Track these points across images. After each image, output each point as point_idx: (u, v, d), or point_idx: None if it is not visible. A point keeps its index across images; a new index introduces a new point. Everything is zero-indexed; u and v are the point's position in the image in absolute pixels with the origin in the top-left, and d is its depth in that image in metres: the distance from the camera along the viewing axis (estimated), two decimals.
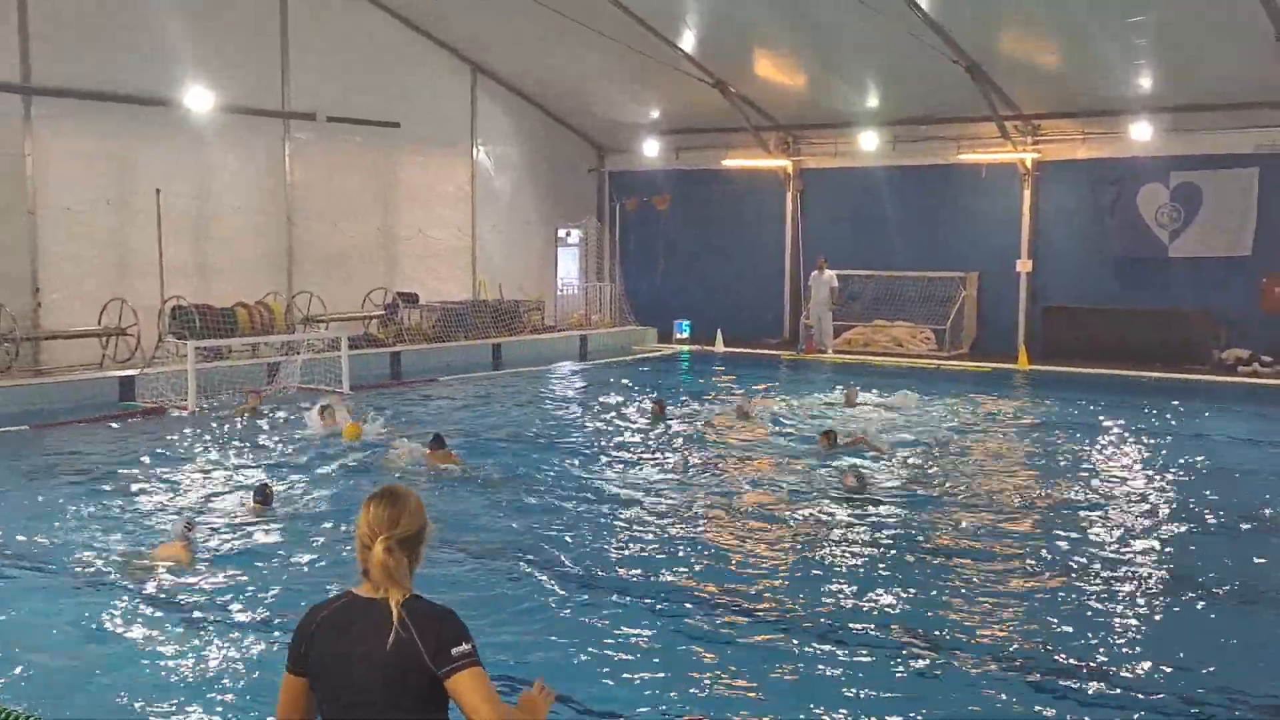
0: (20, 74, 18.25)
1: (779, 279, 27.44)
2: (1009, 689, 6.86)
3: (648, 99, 26.53)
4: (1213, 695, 6.78)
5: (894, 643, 7.58)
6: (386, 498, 3.51)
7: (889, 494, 11.79)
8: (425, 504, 3.58)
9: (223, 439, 14.44)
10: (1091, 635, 7.76)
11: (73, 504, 11.04)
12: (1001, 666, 7.20)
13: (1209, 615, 8.32)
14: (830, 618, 8.07)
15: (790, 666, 7.18)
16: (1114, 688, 6.90)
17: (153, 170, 19.80)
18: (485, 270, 26.74)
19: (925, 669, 7.18)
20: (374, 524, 3.45)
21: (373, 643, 3.36)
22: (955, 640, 7.64)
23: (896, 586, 8.74)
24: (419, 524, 3.51)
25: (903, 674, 7.09)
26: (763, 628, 7.83)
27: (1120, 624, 8.02)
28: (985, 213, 24.80)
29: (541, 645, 7.49)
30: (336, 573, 8.61)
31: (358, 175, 23.87)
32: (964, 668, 7.19)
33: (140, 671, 7.01)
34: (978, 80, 21.96)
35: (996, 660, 7.30)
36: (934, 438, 14.96)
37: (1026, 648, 7.56)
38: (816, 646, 7.48)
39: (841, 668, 7.15)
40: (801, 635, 7.67)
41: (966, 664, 7.24)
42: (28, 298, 18.40)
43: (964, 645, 7.55)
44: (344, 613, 3.47)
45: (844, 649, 7.45)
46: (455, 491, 11.82)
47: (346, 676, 3.40)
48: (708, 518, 10.88)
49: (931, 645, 7.54)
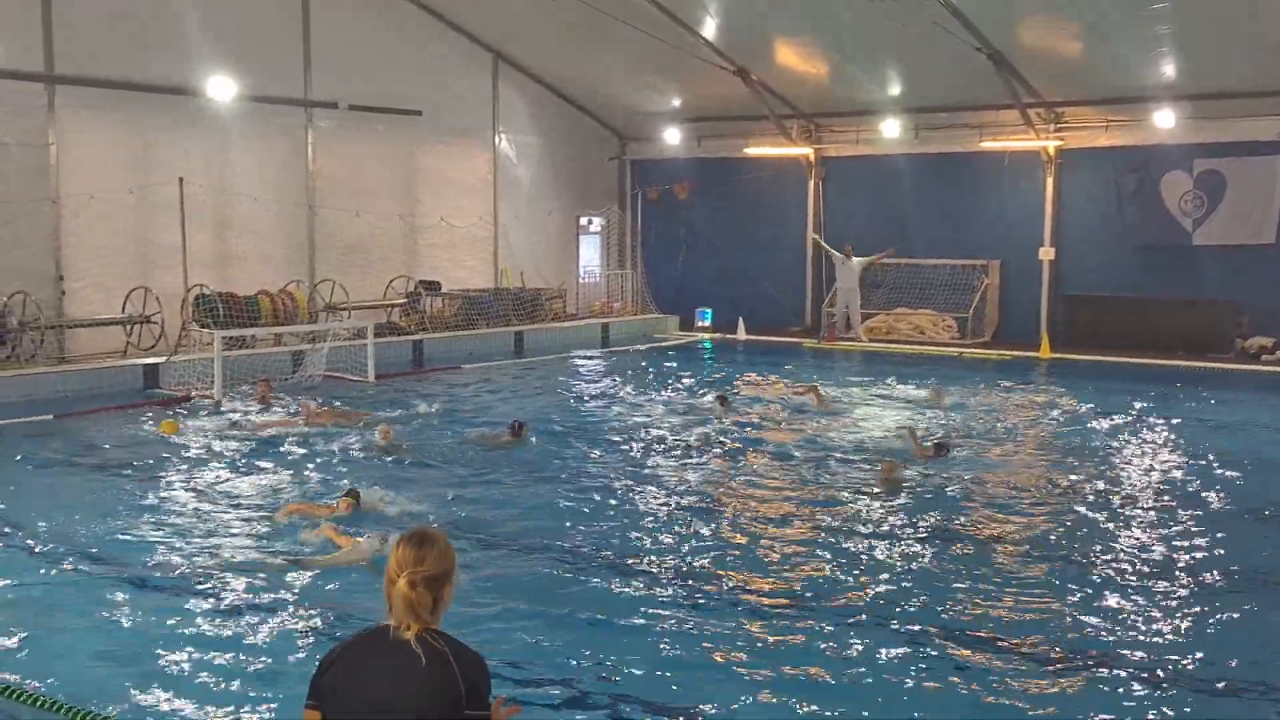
0: (44, 63, 18.38)
1: (801, 267, 27.39)
2: (1049, 680, 6.88)
3: (669, 87, 26.50)
4: (1249, 685, 6.82)
5: (933, 635, 7.59)
6: (415, 538, 3.69)
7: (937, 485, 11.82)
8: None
9: (233, 433, 14.51)
10: (1128, 625, 7.78)
11: (97, 494, 11.16)
12: (1042, 659, 7.21)
13: (1246, 605, 8.27)
14: (874, 609, 8.08)
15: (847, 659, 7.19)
16: (1147, 676, 6.91)
17: (175, 159, 19.91)
18: (507, 258, 26.80)
19: (966, 660, 7.19)
20: (401, 562, 3.62)
21: (397, 674, 3.51)
22: (1002, 631, 7.67)
23: (936, 578, 8.78)
24: (445, 565, 3.66)
25: (939, 667, 7.09)
26: (802, 617, 7.84)
27: (1157, 614, 8.02)
28: (1008, 200, 24.69)
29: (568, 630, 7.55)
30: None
31: (380, 164, 23.96)
32: (1010, 660, 7.19)
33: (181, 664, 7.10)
34: (1000, 68, 21.83)
35: (1040, 652, 7.32)
36: (967, 428, 14.95)
37: (1070, 638, 7.55)
38: (864, 640, 7.46)
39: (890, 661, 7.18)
40: (856, 627, 7.67)
41: (1013, 656, 7.25)
42: (51, 286, 18.55)
43: (1009, 634, 7.60)
44: (366, 645, 3.63)
45: (890, 641, 7.47)
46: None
47: (363, 701, 3.53)
48: (748, 510, 10.89)
49: (972, 637, 7.56)
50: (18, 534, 9.75)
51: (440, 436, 14.10)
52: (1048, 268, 24.33)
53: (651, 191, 28.78)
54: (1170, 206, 22.76)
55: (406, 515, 10.17)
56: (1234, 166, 22.01)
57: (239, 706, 6.39)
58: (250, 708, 6.39)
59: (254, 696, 6.52)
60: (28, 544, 9.47)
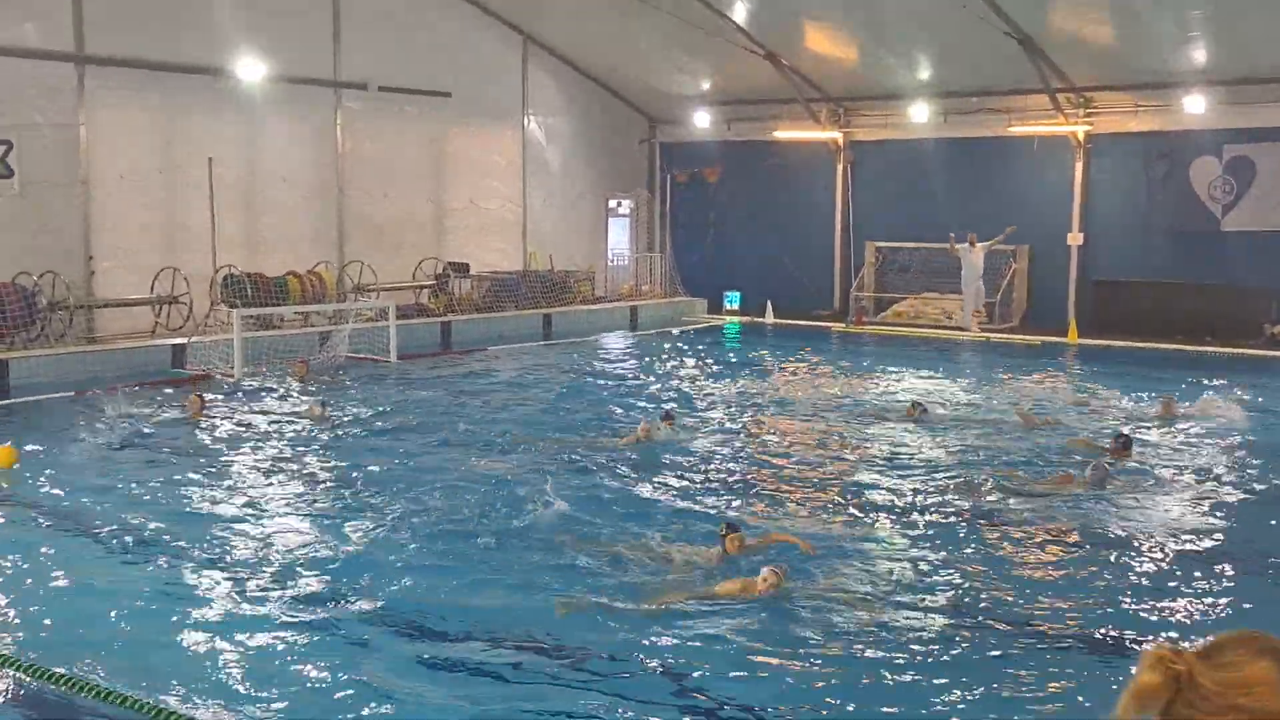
0: (74, 44, 18.63)
1: (829, 251, 27.31)
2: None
3: (699, 70, 26.46)
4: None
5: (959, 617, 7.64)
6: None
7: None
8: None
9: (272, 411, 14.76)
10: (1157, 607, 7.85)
11: (110, 470, 11.41)
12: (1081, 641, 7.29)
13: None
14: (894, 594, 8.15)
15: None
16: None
17: (204, 140, 20.15)
18: (536, 241, 26.90)
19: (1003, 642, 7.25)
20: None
21: None
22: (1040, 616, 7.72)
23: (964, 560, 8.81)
24: None
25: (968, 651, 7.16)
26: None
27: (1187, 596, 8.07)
28: (1036, 185, 24.48)
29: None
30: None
31: (409, 145, 24.10)
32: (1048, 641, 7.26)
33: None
34: (1030, 52, 21.62)
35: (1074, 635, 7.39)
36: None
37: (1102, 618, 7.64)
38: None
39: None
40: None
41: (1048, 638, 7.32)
42: (81, 266, 18.84)
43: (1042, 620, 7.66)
44: None
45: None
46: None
47: None
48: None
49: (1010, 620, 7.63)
50: (40, 509, 10.01)
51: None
52: (1076, 253, 24.11)
53: (680, 174, 28.77)
54: (1200, 192, 22.49)
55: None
56: (1264, 152, 21.70)
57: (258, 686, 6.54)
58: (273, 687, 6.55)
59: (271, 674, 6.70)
60: (50, 517, 9.73)
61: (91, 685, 6.21)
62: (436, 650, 7.10)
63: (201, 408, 14.13)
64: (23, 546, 8.89)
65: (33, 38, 18.14)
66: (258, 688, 6.47)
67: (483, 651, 7.02)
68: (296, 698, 6.39)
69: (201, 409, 14.08)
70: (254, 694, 6.41)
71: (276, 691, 6.43)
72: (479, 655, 6.97)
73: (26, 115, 18.03)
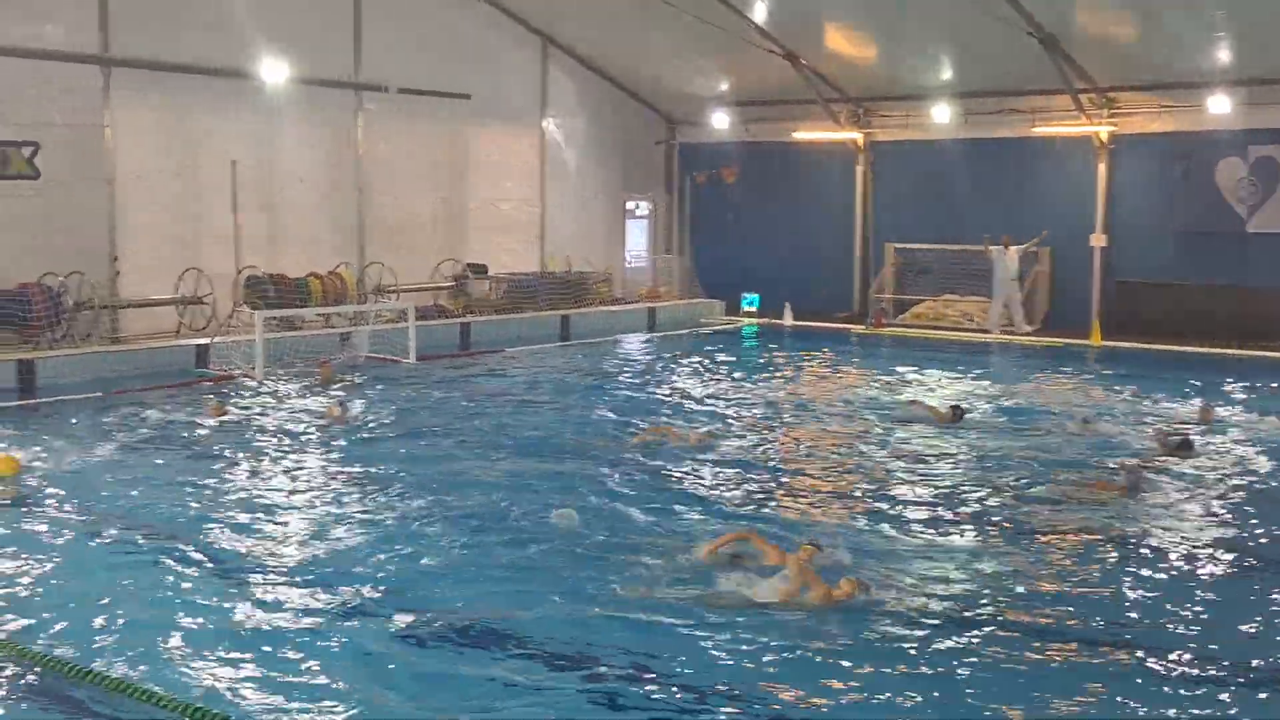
0: (99, 45, 18.70)
1: (849, 252, 27.24)
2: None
3: (718, 71, 26.43)
4: None
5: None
6: None
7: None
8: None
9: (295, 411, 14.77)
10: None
11: (137, 470, 11.42)
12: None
13: None
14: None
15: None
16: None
17: (227, 141, 20.23)
18: (553, 242, 26.90)
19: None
20: None
21: None
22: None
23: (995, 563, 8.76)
24: None
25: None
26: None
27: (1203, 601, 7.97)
28: (1059, 186, 24.38)
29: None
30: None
31: (428, 147, 24.12)
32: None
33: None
34: (1052, 52, 21.55)
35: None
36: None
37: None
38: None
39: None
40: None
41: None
42: (106, 267, 18.91)
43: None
44: None
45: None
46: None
47: None
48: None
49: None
50: (69, 508, 10.03)
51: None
52: (1099, 254, 24.00)
53: (699, 175, 28.75)
54: (1225, 193, 22.37)
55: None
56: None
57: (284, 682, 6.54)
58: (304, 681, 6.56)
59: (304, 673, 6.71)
60: (76, 517, 9.75)
61: (125, 684, 6.22)
62: (467, 653, 7.07)
63: (224, 408, 14.16)
64: (44, 546, 8.91)
65: (59, 40, 18.21)
66: (281, 688, 6.47)
67: (511, 656, 6.97)
68: (321, 697, 6.38)
69: (224, 409, 14.11)
70: (277, 694, 6.40)
71: (301, 691, 6.43)
72: (508, 659, 6.93)
73: (52, 116, 18.09)
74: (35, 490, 10.59)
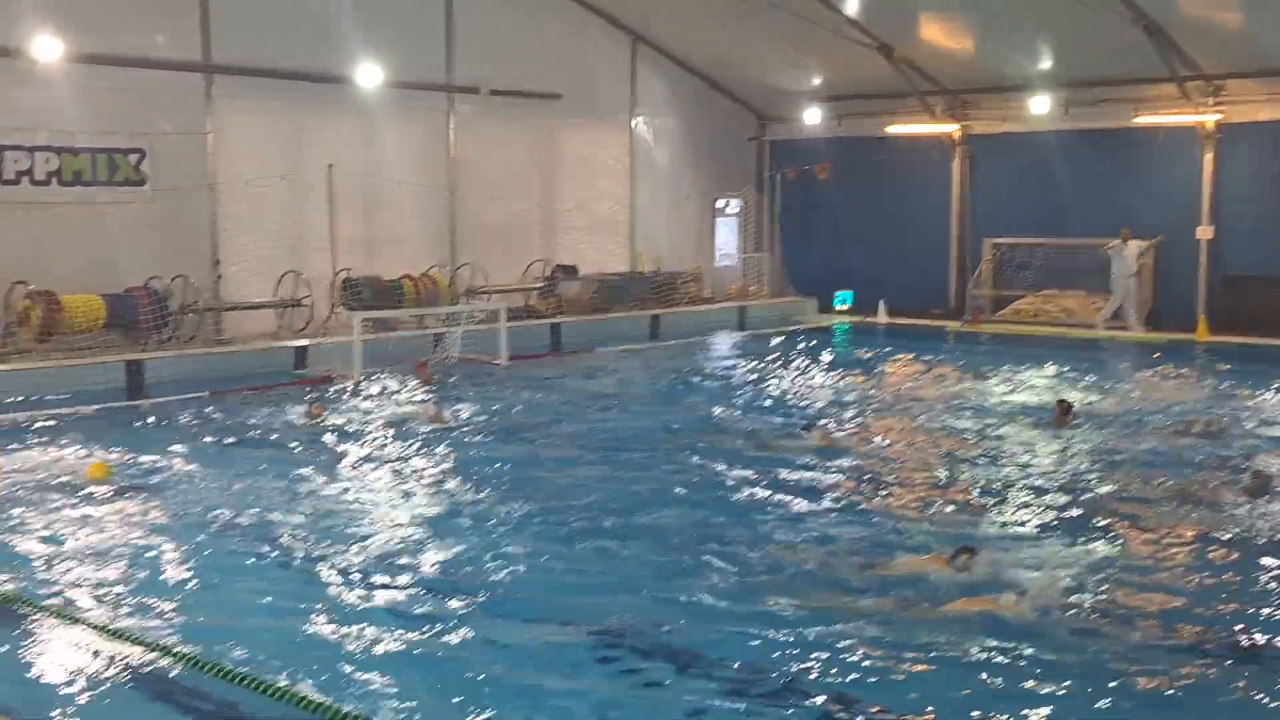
0: (202, 53, 19.12)
1: (945, 248, 26.79)
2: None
3: (810, 65, 26.13)
4: None
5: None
6: None
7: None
8: None
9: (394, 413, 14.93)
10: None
11: (246, 469, 11.63)
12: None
13: None
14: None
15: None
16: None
17: (324, 145, 20.55)
18: (643, 241, 26.86)
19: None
20: None
21: None
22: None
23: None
24: None
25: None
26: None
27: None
28: (1163, 178, 23.67)
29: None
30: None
31: (519, 148, 24.23)
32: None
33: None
34: (1156, 40, 20.92)
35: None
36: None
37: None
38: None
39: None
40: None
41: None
42: (209, 270, 19.35)
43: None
44: None
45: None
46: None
47: None
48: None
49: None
50: (174, 505, 10.23)
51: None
52: (1205, 247, 23.25)
53: (791, 172, 28.47)
54: None
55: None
56: None
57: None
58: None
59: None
60: (181, 514, 9.93)
61: (255, 679, 6.30)
62: (582, 653, 7.03)
63: (323, 408, 14.36)
64: (154, 545, 9.07)
65: (164, 48, 18.67)
66: (389, 685, 6.50)
67: (632, 660, 6.90)
68: (427, 694, 6.41)
69: (323, 409, 14.31)
70: (387, 691, 6.44)
71: (408, 689, 6.45)
72: (630, 663, 6.86)
73: (157, 124, 18.55)
74: (141, 488, 10.82)
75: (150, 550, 8.89)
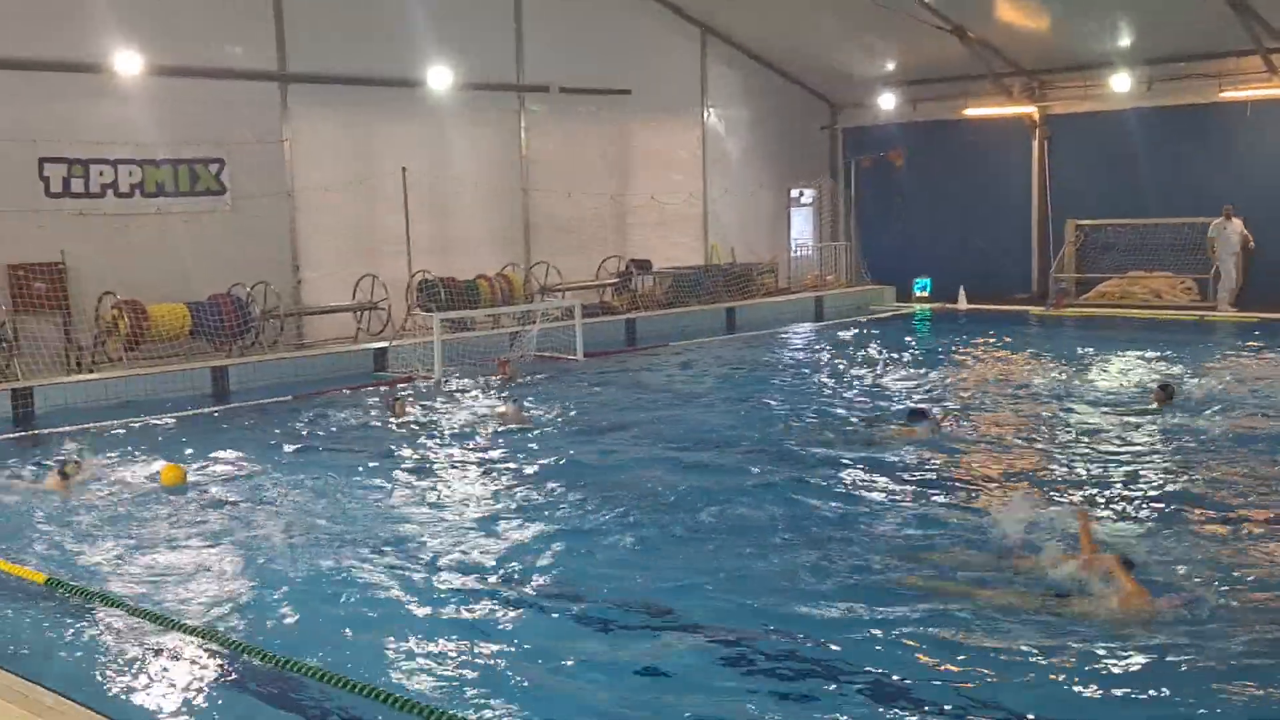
0: (277, 63, 19.40)
1: (1025, 231, 26.28)
2: None
3: (882, 50, 25.77)
4: None
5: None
6: None
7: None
8: None
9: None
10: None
11: (331, 471, 11.74)
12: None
13: None
14: None
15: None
16: None
17: (397, 149, 20.72)
18: (717, 234, 26.74)
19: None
20: None
21: None
22: None
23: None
24: None
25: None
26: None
27: None
28: (1251, 153, 22.97)
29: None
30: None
31: (590, 145, 24.24)
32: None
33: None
34: (1240, 11, 20.27)
35: None
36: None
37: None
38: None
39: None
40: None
41: None
42: (289, 276, 19.66)
43: None
44: None
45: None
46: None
47: None
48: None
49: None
50: (261, 506, 10.37)
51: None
52: None
53: (865, 160, 28.15)
54: None
55: None
56: None
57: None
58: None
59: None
60: (267, 514, 10.05)
61: (343, 679, 6.35)
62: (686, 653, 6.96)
63: (405, 409, 14.48)
64: (240, 545, 9.21)
65: (241, 59, 18.99)
66: (474, 685, 6.52)
67: (763, 664, 6.77)
68: (513, 695, 6.41)
69: (405, 410, 14.43)
70: (470, 690, 6.46)
71: (494, 689, 6.46)
72: (737, 662, 6.79)
73: (236, 133, 18.86)
74: (226, 489, 11.01)
75: (234, 554, 9.00)
